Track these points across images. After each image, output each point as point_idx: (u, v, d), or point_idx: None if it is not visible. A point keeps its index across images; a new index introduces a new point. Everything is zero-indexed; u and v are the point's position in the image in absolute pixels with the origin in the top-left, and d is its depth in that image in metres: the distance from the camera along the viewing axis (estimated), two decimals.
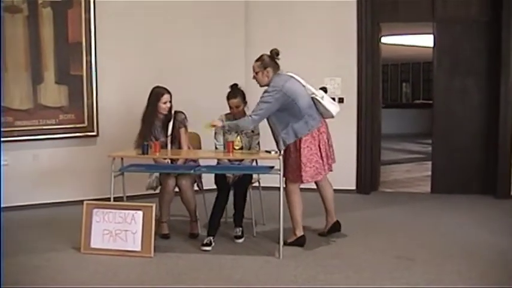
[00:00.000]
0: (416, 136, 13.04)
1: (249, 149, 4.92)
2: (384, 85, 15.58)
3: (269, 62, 4.47)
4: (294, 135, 4.43)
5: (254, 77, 4.56)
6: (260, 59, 4.51)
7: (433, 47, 6.64)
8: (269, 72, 4.46)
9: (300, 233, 4.57)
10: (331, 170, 4.65)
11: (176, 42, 6.42)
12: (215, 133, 4.97)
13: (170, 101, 4.88)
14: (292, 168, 4.48)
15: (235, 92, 4.87)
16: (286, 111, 4.40)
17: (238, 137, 4.83)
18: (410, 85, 18.03)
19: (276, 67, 4.50)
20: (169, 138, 4.92)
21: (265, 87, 4.48)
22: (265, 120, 4.54)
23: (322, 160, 4.50)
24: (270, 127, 4.58)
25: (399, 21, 7.12)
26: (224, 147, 4.89)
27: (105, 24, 5.99)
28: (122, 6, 6.12)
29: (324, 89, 4.66)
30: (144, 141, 4.72)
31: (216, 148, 4.97)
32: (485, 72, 6.47)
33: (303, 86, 4.52)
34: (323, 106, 4.49)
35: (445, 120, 6.62)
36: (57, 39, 5.86)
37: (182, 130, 4.97)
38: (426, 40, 9.36)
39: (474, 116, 6.56)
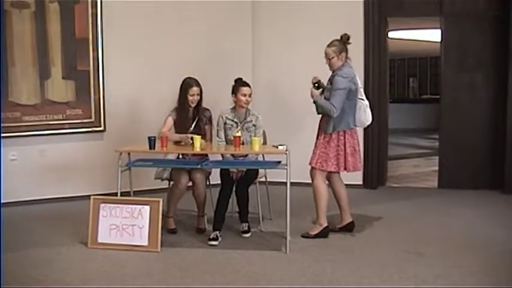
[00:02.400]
0: (424, 131, 13.01)
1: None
2: (391, 80, 15.54)
3: (342, 47, 4.57)
4: (346, 124, 4.52)
5: (327, 63, 4.61)
6: (333, 44, 4.59)
7: (441, 42, 6.60)
8: (343, 57, 4.57)
9: (324, 223, 4.62)
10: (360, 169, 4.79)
11: (183, 38, 6.41)
12: (217, 130, 4.95)
13: (198, 94, 4.86)
14: (330, 157, 4.54)
15: (245, 81, 4.87)
16: (347, 99, 4.49)
17: (239, 132, 4.80)
18: (417, 80, 17.96)
19: (347, 52, 4.59)
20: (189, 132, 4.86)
21: (334, 75, 4.54)
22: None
23: (359, 155, 4.65)
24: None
25: (406, 16, 7.10)
26: (227, 143, 4.88)
27: (112, 19, 5.99)
28: (129, 2, 6.11)
29: (369, 100, 4.80)
30: (178, 130, 4.84)
31: (218, 144, 4.95)
32: (492, 67, 6.43)
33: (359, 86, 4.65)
34: (364, 113, 4.63)
35: (453, 115, 6.60)
36: (64, 35, 5.87)
37: (208, 127, 4.97)
38: (433, 35, 9.32)
39: (482, 111, 6.53)
